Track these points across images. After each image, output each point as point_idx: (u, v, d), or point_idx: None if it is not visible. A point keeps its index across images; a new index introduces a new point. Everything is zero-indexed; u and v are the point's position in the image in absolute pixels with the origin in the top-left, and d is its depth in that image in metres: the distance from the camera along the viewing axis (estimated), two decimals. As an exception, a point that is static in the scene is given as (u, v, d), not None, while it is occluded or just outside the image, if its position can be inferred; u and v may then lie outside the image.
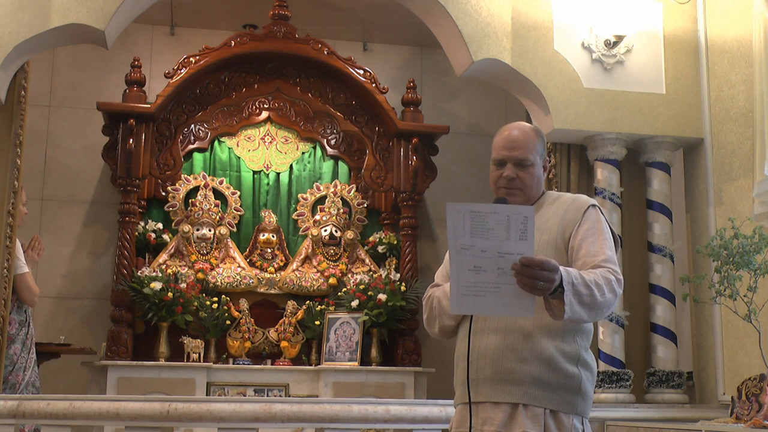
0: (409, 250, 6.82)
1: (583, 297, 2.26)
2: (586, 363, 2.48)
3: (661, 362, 5.24)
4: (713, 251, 4.41)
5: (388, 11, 6.95)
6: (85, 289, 6.97)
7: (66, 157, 7.12)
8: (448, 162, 7.35)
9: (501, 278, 2.17)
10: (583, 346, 2.49)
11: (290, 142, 7.16)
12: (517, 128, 2.60)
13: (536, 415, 2.39)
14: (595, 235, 2.47)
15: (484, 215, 2.16)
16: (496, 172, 2.58)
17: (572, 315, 2.24)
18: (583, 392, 2.46)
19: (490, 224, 2.16)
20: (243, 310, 6.65)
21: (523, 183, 2.56)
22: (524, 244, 2.16)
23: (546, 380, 2.41)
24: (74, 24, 4.83)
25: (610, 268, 2.39)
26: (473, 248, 2.16)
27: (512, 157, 2.55)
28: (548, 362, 2.41)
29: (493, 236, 2.15)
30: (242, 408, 3.93)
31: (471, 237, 2.16)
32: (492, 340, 2.45)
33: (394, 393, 6.30)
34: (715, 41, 5.37)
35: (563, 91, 5.27)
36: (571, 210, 2.55)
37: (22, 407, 3.89)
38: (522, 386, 2.41)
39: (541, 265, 2.16)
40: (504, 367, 2.42)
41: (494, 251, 2.16)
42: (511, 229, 2.15)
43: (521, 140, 2.56)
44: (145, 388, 6.00)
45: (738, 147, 5.11)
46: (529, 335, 2.42)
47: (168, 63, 6.95)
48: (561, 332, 2.44)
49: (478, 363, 2.45)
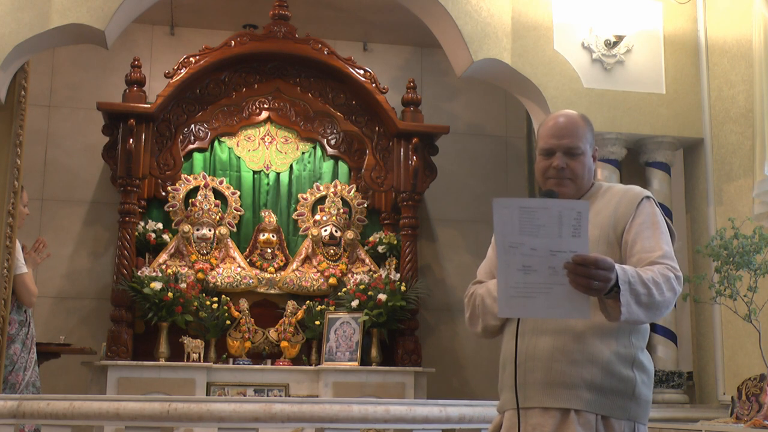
0: (409, 250, 6.82)
1: (641, 296, 2.13)
2: (642, 365, 2.34)
3: (661, 362, 5.24)
4: (713, 251, 4.41)
5: (388, 11, 6.94)
6: (85, 289, 6.96)
7: (66, 157, 7.12)
8: (448, 162, 7.34)
9: (553, 278, 2.04)
10: (639, 347, 2.35)
11: (290, 142, 7.16)
12: (565, 116, 2.48)
13: (588, 421, 2.25)
14: (651, 229, 2.35)
15: (534, 211, 2.02)
16: (544, 162, 2.44)
17: (629, 316, 2.11)
18: (638, 396, 2.32)
19: (540, 221, 2.02)
20: (243, 310, 6.65)
21: (574, 173, 2.42)
22: (578, 242, 2.02)
23: (599, 384, 2.27)
24: (74, 24, 4.83)
25: (669, 265, 2.26)
26: (523, 246, 2.03)
27: (561, 146, 2.42)
28: (602, 365, 2.28)
29: (544, 233, 2.02)
30: (242, 408, 3.93)
31: (520, 234, 2.03)
32: (541, 341, 2.32)
33: (394, 393, 6.29)
34: (715, 41, 5.37)
35: (563, 91, 5.27)
36: (623, 202, 2.41)
37: (22, 407, 3.89)
38: (574, 390, 2.27)
39: (596, 263, 2.02)
40: (554, 370, 2.29)
41: (545, 249, 2.02)
42: (564, 225, 2.02)
43: (570, 128, 2.44)
44: (145, 388, 5.99)
45: (738, 147, 5.11)
46: (580, 336, 2.29)
47: (168, 63, 6.95)
48: (615, 333, 2.31)
49: (526, 366, 2.31)
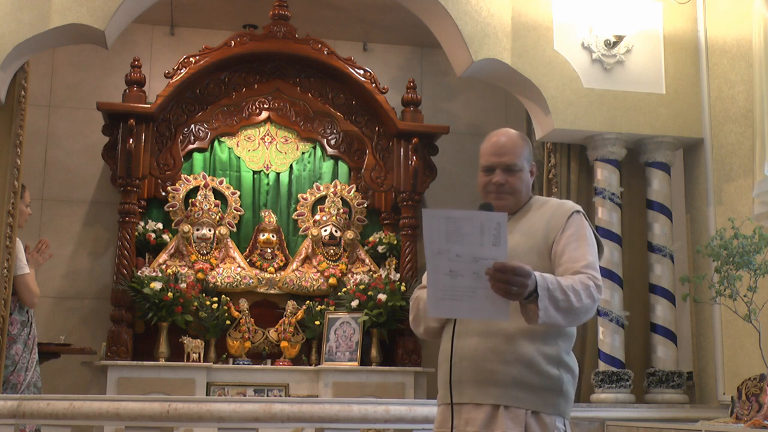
0: (408, 250, 6.83)
1: (559, 302, 2.30)
2: (567, 366, 2.52)
3: (661, 362, 5.24)
4: (713, 251, 4.41)
5: (388, 11, 6.95)
6: (85, 289, 6.97)
7: (66, 157, 7.12)
8: (448, 162, 7.34)
9: (476, 283, 2.21)
10: (565, 349, 2.53)
11: (290, 142, 7.16)
12: (504, 135, 2.65)
13: (517, 416, 2.43)
14: (578, 241, 2.52)
15: (459, 221, 2.20)
16: (484, 178, 2.62)
17: (547, 319, 2.29)
18: (565, 394, 2.50)
19: (464, 230, 2.20)
20: (243, 310, 6.65)
21: (513, 188, 2.60)
22: (497, 250, 2.20)
23: (527, 382, 2.44)
24: (74, 24, 4.82)
25: (590, 274, 2.43)
26: (449, 253, 2.21)
27: (501, 163, 2.59)
28: (529, 364, 2.45)
29: (468, 242, 2.20)
30: (242, 408, 3.93)
31: (446, 242, 2.21)
32: (474, 342, 2.48)
33: (394, 393, 6.30)
34: (715, 41, 5.37)
35: (563, 91, 5.27)
36: (555, 216, 2.58)
37: (22, 407, 3.89)
38: (502, 387, 2.44)
39: (514, 270, 2.19)
40: (485, 369, 2.46)
41: (469, 256, 2.20)
42: (485, 234, 2.19)
43: (509, 146, 2.61)
44: (145, 388, 6.00)
45: (738, 147, 5.11)
46: (511, 338, 2.46)
47: (168, 63, 6.96)
48: (543, 335, 2.47)
49: (461, 365, 2.48)
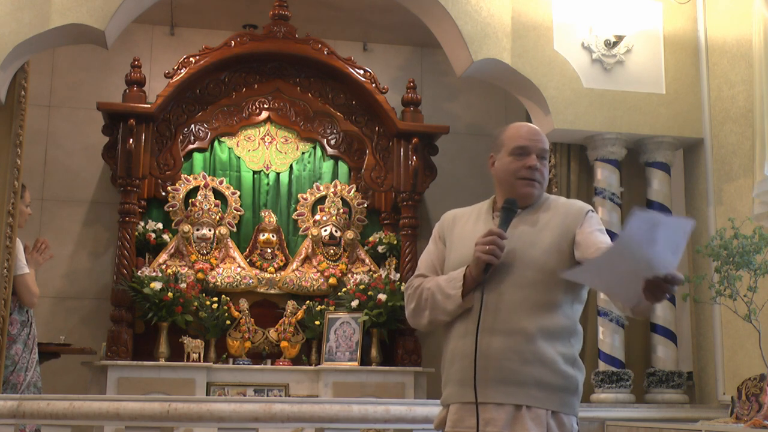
0: (409, 250, 6.82)
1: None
2: (579, 365, 2.52)
3: (661, 362, 5.24)
4: (713, 251, 4.41)
5: (388, 11, 6.94)
6: (85, 289, 6.96)
7: (66, 157, 7.12)
8: (448, 162, 7.34)
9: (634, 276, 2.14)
10: (577, 349, 2.53)
11: (290, 142, 7.16)
12: (532, 125, 2.64)
13: (539, 416, 2.41)
14: (601, 232, 2.51)
15: (659, 226, 2.09)
16: (516, 162, 2.53)
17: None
18: (579, 393, 2.51)
19: (659, 235, 2.09)
20: (243, 310, 6.65)
21: (542, 176, 2.56)
22: (674, 258, 2.12)
23: (547, 382, 2.42)
24: (74, 24, 4.83)
25: None
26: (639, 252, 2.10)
27: (537, 147, 2.54)
28: (549, 364, 2.43)
29: (656, 244, 2.10)
30: (242, 408, 3.93)
31: (640, 245, 2.10)
32: (495, 341, 2.43)
33: (394, 393, 6.29)
34: (715, 41, 5.37)
35: (563, 91, 5.27)
36: (571, 214, 2.56)
37: (22, 407, 3.89)
38: (524, 388, 2.41)
39: (678, 282, 2.13)
40: (507, 368, 2.42)
41: (647, 257, 2.10)
42: (670, 241, 2.10)
43: (541, 134, 2.60)
44: (145, 388, 5.99)
45: (738, 147, 5.11)
46: (531, 337, 2.42)
47: (168, 63, 6.95)
48: (560, 335, 2.46)
49: (480, 363, 2.43)
